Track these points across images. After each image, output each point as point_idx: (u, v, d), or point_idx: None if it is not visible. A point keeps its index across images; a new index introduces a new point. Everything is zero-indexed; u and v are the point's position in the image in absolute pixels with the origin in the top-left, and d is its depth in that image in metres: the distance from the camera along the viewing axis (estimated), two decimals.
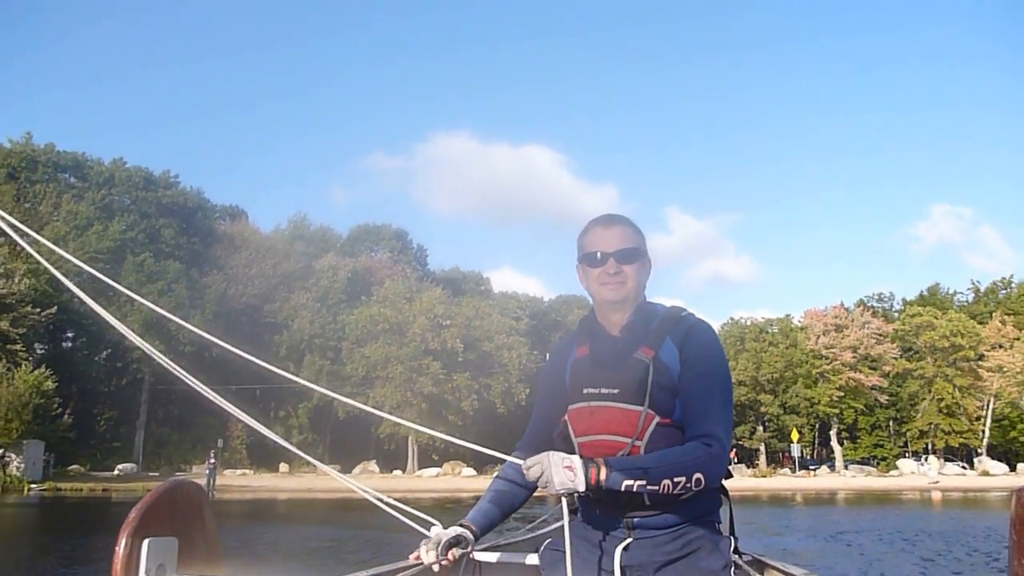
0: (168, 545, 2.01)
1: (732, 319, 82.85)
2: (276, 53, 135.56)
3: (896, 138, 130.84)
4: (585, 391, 2.26)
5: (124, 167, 68.09)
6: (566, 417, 2.29)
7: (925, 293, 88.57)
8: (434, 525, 2.24)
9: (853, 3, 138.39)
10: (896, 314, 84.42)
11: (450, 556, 2.16)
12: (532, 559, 2.54)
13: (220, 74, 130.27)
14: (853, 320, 75.52)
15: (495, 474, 2.45)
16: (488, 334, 64.50)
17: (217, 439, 55.24)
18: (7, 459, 43.11)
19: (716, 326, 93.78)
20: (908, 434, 76.19)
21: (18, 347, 47.38)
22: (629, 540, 2.19)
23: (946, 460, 71.80)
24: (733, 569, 2.24)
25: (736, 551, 2.35)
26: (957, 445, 73.92)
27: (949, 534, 19.84)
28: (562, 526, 2.06)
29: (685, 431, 2.17)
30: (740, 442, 74.16)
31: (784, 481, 61.69)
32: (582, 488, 1.98)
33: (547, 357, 2.56)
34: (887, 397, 74.18)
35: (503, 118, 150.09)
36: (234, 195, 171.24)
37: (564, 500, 2.03)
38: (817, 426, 78.33)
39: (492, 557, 2.62)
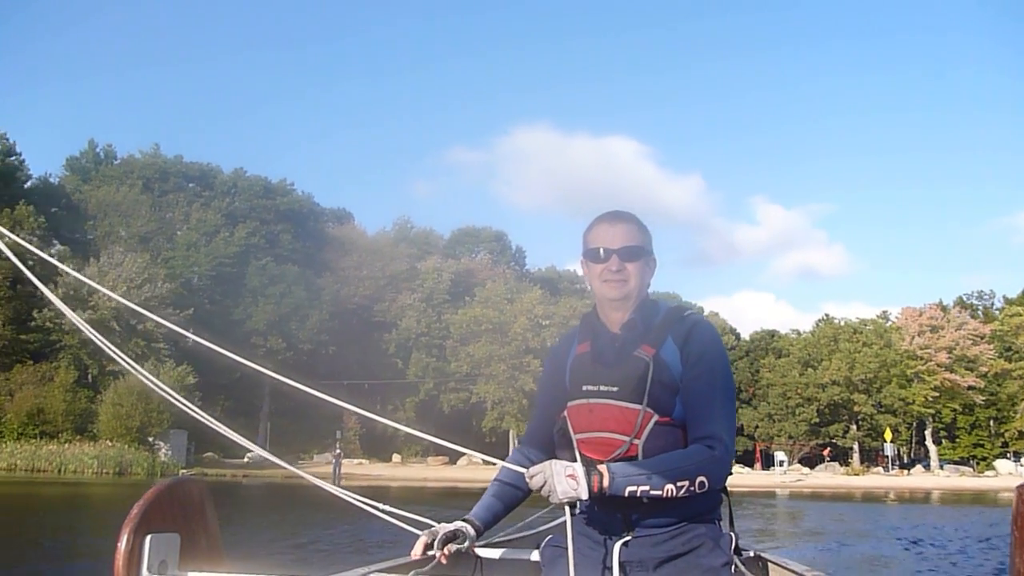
0: (170, 541, 2.02)
1: (826, 316, 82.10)
2: (355, 44, 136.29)
3: (995, 125, 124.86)
4: (584, 388, 2.23)
5: (245, 176, 72.07)
6: (565, 414, 2.27)
7: None
8: (432, 527, 2.28)
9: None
10: (996, 312, 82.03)
11: (446, 551, 2.18)
12: (533, 555, 2.53)
13: (299, 65, 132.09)
14: (949, 321, 73.67)
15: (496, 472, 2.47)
16: None
17: (335, 431, 58.06)
18: (157, 446, 48.26)
19: (808, 321, 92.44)
20: (1007, 434, 74.06)
21: (161, 345, 52.64)
22: (629, 537, 2.16)
23: None
24: (733, 566, 2.22)
25: (736, 548, 2.31)
26: None
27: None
28: (563, 523, 2.06)
29: (688, 432, 2.15)
30: (833, 440, 73.59)
31: (876, 480, 60.99)
32: (585, 496, 1.97)
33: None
34: (985, 397, 72.12)
35: (584, 109, 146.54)
36: (324, 188, 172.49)
37: (567, 507, 2.01)
38: (914, 425, 76.77)
39: (494, 553, 2.61)
